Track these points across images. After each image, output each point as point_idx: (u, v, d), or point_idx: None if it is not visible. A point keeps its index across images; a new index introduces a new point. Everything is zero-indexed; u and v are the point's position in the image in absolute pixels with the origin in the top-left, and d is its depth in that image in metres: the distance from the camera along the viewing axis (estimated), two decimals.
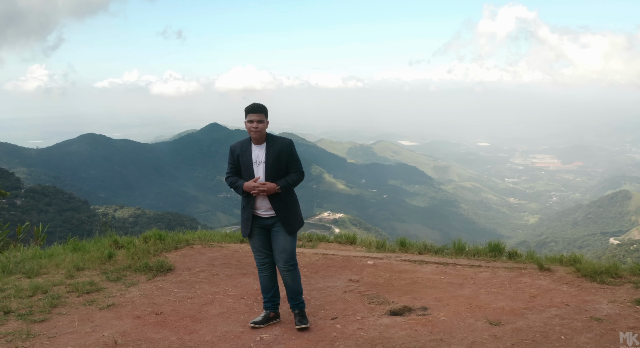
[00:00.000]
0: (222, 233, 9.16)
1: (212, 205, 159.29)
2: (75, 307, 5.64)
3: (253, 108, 4.84)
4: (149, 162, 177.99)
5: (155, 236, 8.32)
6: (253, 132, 4.85)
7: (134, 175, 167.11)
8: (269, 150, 4.88)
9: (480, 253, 7.70)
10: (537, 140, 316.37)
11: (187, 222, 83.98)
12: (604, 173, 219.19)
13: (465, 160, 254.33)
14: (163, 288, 6.24)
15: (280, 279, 5.29)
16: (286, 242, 4.94)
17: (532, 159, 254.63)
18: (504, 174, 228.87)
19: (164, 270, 6.89)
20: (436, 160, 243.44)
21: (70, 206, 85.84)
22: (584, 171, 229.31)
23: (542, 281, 6.22)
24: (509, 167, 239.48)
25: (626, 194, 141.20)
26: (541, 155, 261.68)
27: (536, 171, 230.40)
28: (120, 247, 7.99)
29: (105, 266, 7.14)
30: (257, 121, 4.81)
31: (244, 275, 6.77)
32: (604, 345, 4.34)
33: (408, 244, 8.41)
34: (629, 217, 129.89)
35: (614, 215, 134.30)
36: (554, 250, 7.14)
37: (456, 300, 5.67)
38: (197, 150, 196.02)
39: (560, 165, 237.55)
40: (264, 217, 4.95)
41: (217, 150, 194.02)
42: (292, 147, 4.94)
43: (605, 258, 13.69)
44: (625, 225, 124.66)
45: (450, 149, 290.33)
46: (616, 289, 5.81)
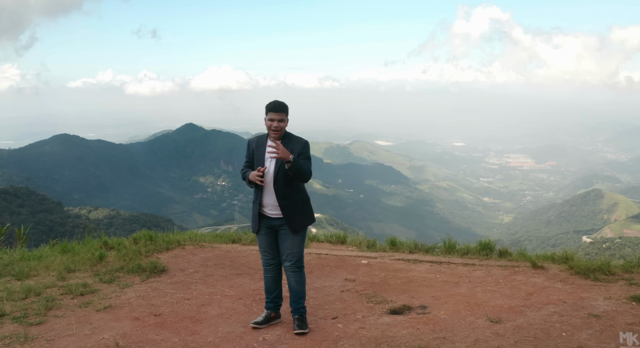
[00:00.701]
0: (213, 234, 9.11)
1: (188, 206, 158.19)
2: (71, 309, 5.57)
3: (274, 106, 4.74)
4: (123, 163, 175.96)
5: (145, 237, 8.24)
6: (273, 132, 4.78)
7: (109, 176, 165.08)
8: (284, 147, 4.76)
9: (471, 252, 7.78)
10: (512, 140, 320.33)
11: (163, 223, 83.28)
12: (577, 172, 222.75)
13: (440, 160, 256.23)
14: (159, 290, 6.18)
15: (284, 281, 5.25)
16: (293, 244, 4.87)
17: (506, 158, 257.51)
18: (479, 174, 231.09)
19: (158, 271, 6.82)
20: (412, 160, 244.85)
21: (44, 208, 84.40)
22: (557, 170, 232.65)
23: (536, 279, 6.31)
24: (484, 167, 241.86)
25: (598, 193, 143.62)
26: (515, 155, 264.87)
27: (510, 170, 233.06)
28: (110, 248, 7.89)
29: (96, 268, 7.05)
30: (278, 120, 4.74)
31: (239, 275, 6.74)
32: (605, 341, 4.42)
33: (398, 243, 8.47)
34: (601, 216, 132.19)
35: (586, 213, 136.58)
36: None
37: (454, 298, 5.72)
38: (172, 151, 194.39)
39: (534, 165, 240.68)
40: (271, 217, 4.87)
41: (192, 151, 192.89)
42: (306, 147, 4.85)
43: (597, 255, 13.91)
44: (598, 224, 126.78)
45: (426, 148, 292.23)
46: (610, 286, 5.91)
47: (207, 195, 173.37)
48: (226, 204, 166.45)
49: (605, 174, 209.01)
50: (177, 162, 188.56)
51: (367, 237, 9.37)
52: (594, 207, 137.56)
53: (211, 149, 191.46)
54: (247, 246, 8.33)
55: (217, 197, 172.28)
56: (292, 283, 4.97)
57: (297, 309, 5.01)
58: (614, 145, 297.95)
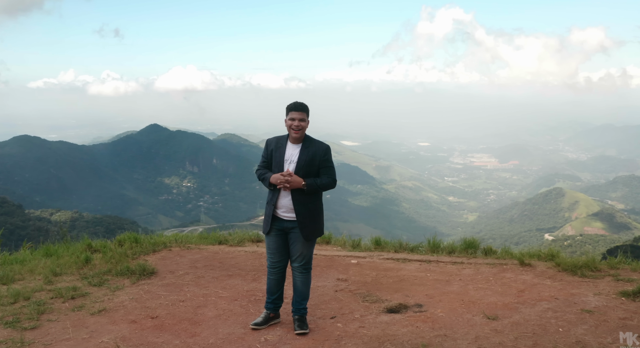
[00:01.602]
0: (199, 235, 9.05)
1: (153, 208, 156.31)
2: (64, 313, 5.48)
3: (296, 106, 4.73)
4: (86, 164, 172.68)
5: (130, 239, 8.14)
6: (294, 131, 4.74)
7: (71, 177, 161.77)
8: (304, 151, 4.77)
9: (456, 251, 7.89)
10: (475, 140, 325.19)
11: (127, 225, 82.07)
12: (539, 171, 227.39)
13: (406, 160, 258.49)
14: (151, 292, 6.13)
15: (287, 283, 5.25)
16: (304, 247, 4.87)
17: (470, 158, 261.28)
18: (443, 173, 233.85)
19: (147, 273, 6.75)
20: (378, 160, 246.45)
21: (4, 210, 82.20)
22: (519, 170, 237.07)
23: (525, 276, 6.45)
24: (449, 166, 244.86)
25: (560, 192, 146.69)
26: (479, 155, 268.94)
27: (474, 170, 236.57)
28: (95, 251, 7.78)
29: (83, 271, 6.94)
30: (299, 120, 4.72)
31: (230, 276, 6.72)
32: (601, 336, 4.55)
33: (383, 243, 8.54)
34: (562, 214, 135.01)
35: (548, 212, 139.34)
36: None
37: (447, 296, 5.80)
38: (136, 152, 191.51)
39: (497, 164, 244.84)
40: (284, 219, 4.84)
41: (157, 152, 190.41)
42: (328, 152, 4.83)
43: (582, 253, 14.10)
44: (559, 222, 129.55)
45: (392, 148, 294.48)
46: (598, 282, 6.08)
47: (173, 196, 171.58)
48: (192, 205, 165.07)
49: (566, 172, 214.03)
50: (141, 163, 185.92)
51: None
52: (555, 206, 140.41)
53: (176, 149, 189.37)
54: (234, 247, 8.30)
55: (182, 199, 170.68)
56: (298, 283, 4.98)
57: (299, 310, 5.01)
58: (574, 144, 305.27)
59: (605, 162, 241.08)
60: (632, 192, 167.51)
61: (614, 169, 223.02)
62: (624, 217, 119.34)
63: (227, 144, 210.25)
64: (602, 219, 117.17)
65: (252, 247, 8.35)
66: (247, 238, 8.81)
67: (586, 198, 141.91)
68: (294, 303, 5.05)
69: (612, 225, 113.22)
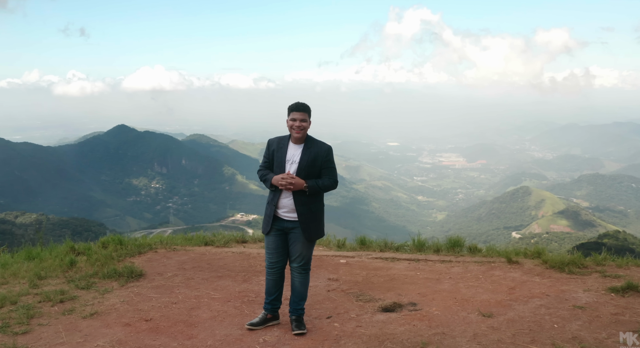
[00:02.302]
0: (184, 237, 8.96)
1: (121, 210, 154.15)
2: (55, 316, 5.38)
3: (297, 106, 4.73)
4: (52, 166, 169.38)
5: (115, 241, 8.03)
6: (295, 131, 4.73)
7: (36, 179, 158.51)
8: (306, 151, 4.76)
9: (441, 249, 7.97)
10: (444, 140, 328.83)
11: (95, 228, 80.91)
12: (506, 170, 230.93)
13: (375, 160, 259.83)
14: (141, 294, 6.05)
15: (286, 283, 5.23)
16: (304, 248, 4.86)
17: (439, 157, 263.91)
18: (413, 173, 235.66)
19: (135, 275, 6.66)
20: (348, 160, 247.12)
21: None
22: (487, 169, 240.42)
23: (513, 273, 6.54)
24: (418, 166, 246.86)
25: (526, 190, 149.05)
26: (447, 154, 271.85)
27: (443, 169, 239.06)
28: (78, 253, 7.65)
29: (69, 274, 6.82)
30: (301, 120, 4.71)
31: (220, 278, 6.67)
32: (595, 331, 4.65)
33: (368, 242, 8.58)
34: (529, 212, 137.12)
35: (515, 210, 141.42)
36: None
37: (440, 294, 5.86)
38: (103, 153, 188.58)
39: (466, 164, 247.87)
40: (285, 219, 4.83)
41: (125, 153, 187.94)
42: (330, 153, 4.81)
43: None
44: (526, 220, 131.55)
45: (361, 148, 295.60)
46: (585, 279, 6.20)
47: (141, 198, 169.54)
48: (160, 207, 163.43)
49: (533, 171, 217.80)
50: (108, 164, 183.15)
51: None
52: (522, 204, 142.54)
53: (144, 150, 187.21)
54: (221, 248, 8.24)
55: (151, 200, 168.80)
56: (296, 284, 4.97)
57: (296, 310, 5.01)
58: (540, 143, 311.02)
59: (570, 161, 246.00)
60: (596, 190, 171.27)
61: (579, 167, 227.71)
62: (589, 215, 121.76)
63: (196, 144, 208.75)
64: (567, 217, 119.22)
65: (239, 248, 8.31)
66: (233, 240, 8.76)
67: (552, 196, 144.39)
68: (291, 304, 5.04)
69: (577, 222, 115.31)
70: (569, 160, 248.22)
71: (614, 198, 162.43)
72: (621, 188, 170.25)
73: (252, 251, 8.00)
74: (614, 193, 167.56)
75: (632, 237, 59.49)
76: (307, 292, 5.06)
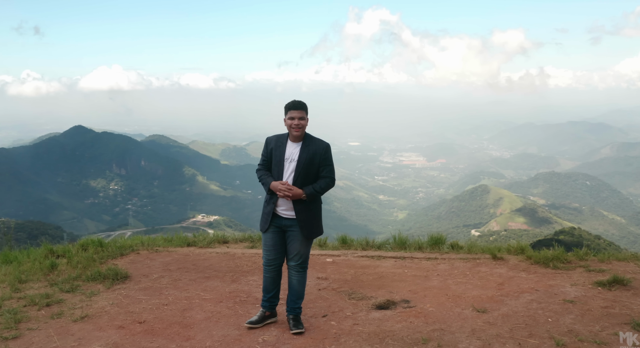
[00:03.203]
0: (165, 238, 8.84)
1: (79, 212, 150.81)
2: (44, 320, 5.25)
3: (294, 105, 4.74)
4: (6, 168, 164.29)
5: (95, 243, 7.88)
6: (294, 130, 4.74)
7: None
8: (304, 149, 4.77)
9: (422, 247, 8.07)
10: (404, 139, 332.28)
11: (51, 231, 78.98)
12: (465, 169, 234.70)
13: (337, 160, 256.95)
14: (130, 297, 5.96)
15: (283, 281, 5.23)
16: (302, 246, 4.87)
17: (399, 157, 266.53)
18: (374, 172, 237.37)
19: (120, 278, 6.54)
20: None
21: None
22: (447, 168, 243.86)
23: (499, 269, 6.67)
24: (379, 166, 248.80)
25: (485, 188, 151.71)
26: (408, 154, 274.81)
27: (404, 169, 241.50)
28: (57, 256, 7.49)
29: (50, 277, 6.66)
30: (299, 118, 4.72)
31: (208, 278, 6.61)
32: (588, 324, 4.77)
33: (349, 241, 8.63)
34: (487, 210, 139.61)
35: (474, 208, 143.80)
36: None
37: (430, 291, 5.93)
38: (60, 154, 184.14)
39: (426, 163, 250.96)
40: (283, 217, 4.83)
41: (82, 154, 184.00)
42: (328, 151, 4.84)
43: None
44: (485, 218, 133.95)
45: None
46: (571, 273, 6.36)
47: (99, 200, 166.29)
48: (119, 209, 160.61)
49: (491, 170, 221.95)
50: (65, 166, 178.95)
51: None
52: (481, 202, 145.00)
53: (102, 151, 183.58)
54: (204, 249, 8.16)
55: (109, 202, 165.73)
56: (293, 282, 4.98)
57: (294, 309, 5.01)
58: (497, 142, 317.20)
59: (527, 159, 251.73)
60: (552, 188, 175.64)
61: (535, 166, 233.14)
62: (545, 212, 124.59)
63: (155, 145, 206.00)
64: (524, 214, 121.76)
65: (222, 248, 8.24)
66: (216, 240, 8.69)
67: (510, 194, 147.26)
68: (288, 303, 5.04)
69: (534, 220, 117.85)
70: (525, 158, 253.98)
71: (569, 196, 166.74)
72: (576, 186, 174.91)
73: (237, 251, 7.95)
74: (569, 191, 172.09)
75: (587, 234, 60.96)
76: (304, 290, 5.06)
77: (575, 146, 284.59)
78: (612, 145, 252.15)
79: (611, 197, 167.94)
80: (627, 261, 6.82)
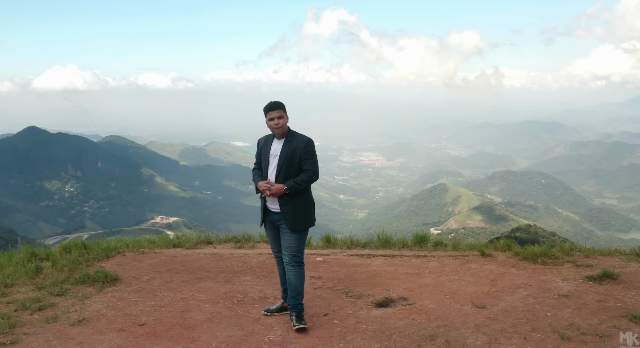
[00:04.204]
0: (149, 239, 8.72)
1: (33, 215, 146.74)
2: (40, 325, 5.13)
3: (271, 106, 4.96)
4: None
5: (79, 246, 7.72)
6: (275, 129, 4.98)
7: None
8: (286, 145, 4.98)
9: (406, 245, 8.18)
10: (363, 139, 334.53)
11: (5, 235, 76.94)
12: (424, 168, 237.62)
13: None
14: (124, 299, 5.87)
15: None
16: (291, 239, 5.00)
17: (359, 156, 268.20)
18: (334, 172, 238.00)
19: (111, 280, 6.42)
20: None
21: None
22: (406, 167, 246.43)
23: (489, 266, 6.80)
24: (339, 165, 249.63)
25: (443, 187, 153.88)
26: (367, 153, 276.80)
27: (363, 168, 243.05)
28: (40, 259, 7.32)
29: (36, 280, 6.51)
30: (277, 117, 4.94)
31: (201, 279, 6.56)
32: (587, 318, 4.91)
33: (333, 240, 8.68)
34: (446, 208, 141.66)
35: (433, 207, 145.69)
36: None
37: (426, 288, 6.00)
38: (13, 156, 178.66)
39: (385, 162, 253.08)
40: (273, 212, 5.06)
41: (36, 155, 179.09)
42: (309, 145, 5.00)
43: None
44: (444, 216, 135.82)
45: None
46: (560, 269, 6.52)
47: (54, 202, 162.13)
48: (76, 211, 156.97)
49: (449, 169, 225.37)
50: (18, 167, 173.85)
51: None
52: (439, 201, 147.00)
53: (57, 153, 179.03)
54: (192, 250, 8.08)
55: (65, 204, 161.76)
56: (290, 277, 5.06)
57: (295, 306, 5.06)
58: (455, 142, 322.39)
59: (484, 158, 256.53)
60: (508, 186, 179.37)
61: (492, 164, 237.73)
62: (502, 210, 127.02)
63: (112, 146, 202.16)
64: (482, 212, 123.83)
65: (210, 249, 8.18)
66: (202, 241, 8.62)
67: (467, 193, 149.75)
68: (289, 299, 5.11)
69: (491, 217, 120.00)
70: (482, 157, 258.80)
71: (525, 194, 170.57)
72: (531, 184, 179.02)
73: (225, 252, 7.90)
74: (524, 189, 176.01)
75: (542, 231, 62.34)
76: (302, 286, 5.12)
77: (530, 145, 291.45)
78: (566, 144, 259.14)
79: (565, 195, 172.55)
80: (611, 256, 7.04)
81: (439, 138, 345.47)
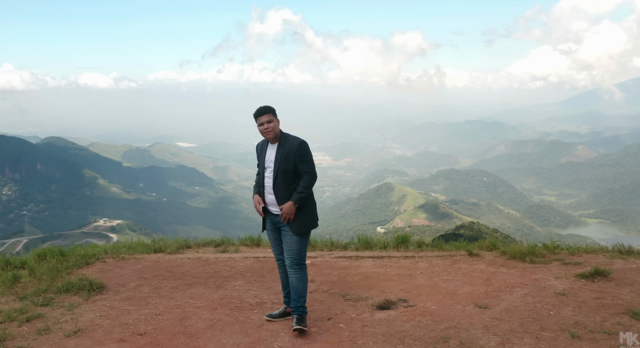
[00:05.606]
0: (127, 245, 8.43)
1: None
2: (32, 337, 4.89)
3: (260, 111, 4.89)
4: None
5: (54, 253, 7.41)
6: (266, 134, 4.91)
7: None
8: (279, 150, 4.93)
9: (388, 246, 8.20)
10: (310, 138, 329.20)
11: None
12: (370, 168, 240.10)
13: (243, 160, 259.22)
14: (115, 308, 5.66)
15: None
16: (292, 242, 4.95)
17: None
18: None
19: (96, 288, 6.18)
20: (215, 161, 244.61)
21: None
22: (352, 167, 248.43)
23: (479, 265, 6.87)
24: None
25: (389, 186, 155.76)
26: (314, 153, 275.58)
27: None
28: (17, 267, 7.00)
29: (16, 290, 6.21)
30: (267, 122, 4.87)
31: (190, 285, 6.39)
32: (589, 315, 5.00)
33: (313, 242, 8.63)
34: (392, 207, 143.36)
35: (379, 206, 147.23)
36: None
37: (422, 289, 6.00)
38: None
39: (332, 162, 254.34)
40: (274, 214, 5.02)
41: None
42: (303, 147, 4.90)
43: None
44: (390, 215, 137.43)
45: (229, 149, 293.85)
46: (549, 267, 6.64)
47: None
48: (14, 215, 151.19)
49: (395, 168, 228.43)
50: None
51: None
52: (385, 200, 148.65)
53: None
54: (174, 255, 7.86)
55: (2, 208, 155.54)
56: (293, 280, 5.02)
57: (297, 308, 5.01)
58: (400, 141, 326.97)
59: (428, 157, 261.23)
60: (452, 184, 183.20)
61: (436, 163, 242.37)
62: (446, 208, 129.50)
63: (52, 147, 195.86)
64: (427, 210, 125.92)
65: (192, 253, 7.99)
66: (184, 245, 8.42)
67: (413, 191, 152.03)
68: (292, 302, 5.06)
69: (436, 215, 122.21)
70: (427, 157, 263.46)
71: (468, 192, 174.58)
72: (474, 182, 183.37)
73: (209, 256, 7.73)
74: (467, 187, 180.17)
75: (485, 228, 63.87)
76: (305, 289, 5.06)
77: (472, 144, 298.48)
78: (507, 143, 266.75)
79: (506, 192, 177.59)
80: (595, 253, 7.22)
81: (384, 137, 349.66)
